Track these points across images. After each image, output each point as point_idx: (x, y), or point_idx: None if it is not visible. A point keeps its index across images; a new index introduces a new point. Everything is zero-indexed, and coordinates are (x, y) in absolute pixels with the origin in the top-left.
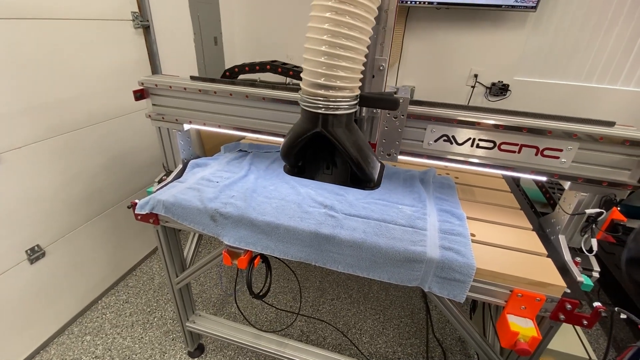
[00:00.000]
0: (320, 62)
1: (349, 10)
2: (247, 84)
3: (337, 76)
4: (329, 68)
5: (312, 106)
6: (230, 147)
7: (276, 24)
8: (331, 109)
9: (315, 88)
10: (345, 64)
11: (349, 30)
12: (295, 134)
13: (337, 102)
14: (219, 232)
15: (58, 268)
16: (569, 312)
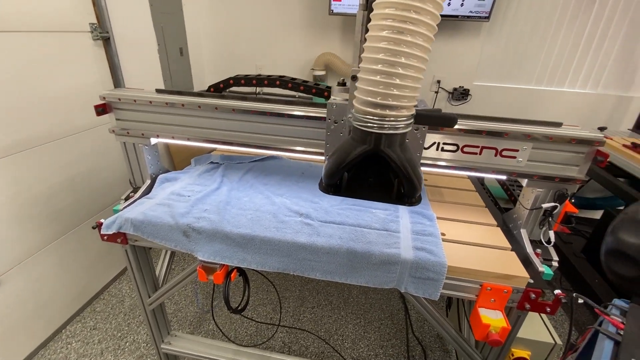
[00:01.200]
0: (387, 82)
1: (411, 30)
2: (216, 96)
3: (400, 96)
4: (395, 88)
5: (371, 126)
6: (201, 160)
7: (245, 33)
8: (391, 128)
9: (376, 108)
10: (409, 83)
11: (415, 49)
12: (349, 154)
13: (397, 121)
14: (193, 247)
15: (14, 298)
16: (534, 301)
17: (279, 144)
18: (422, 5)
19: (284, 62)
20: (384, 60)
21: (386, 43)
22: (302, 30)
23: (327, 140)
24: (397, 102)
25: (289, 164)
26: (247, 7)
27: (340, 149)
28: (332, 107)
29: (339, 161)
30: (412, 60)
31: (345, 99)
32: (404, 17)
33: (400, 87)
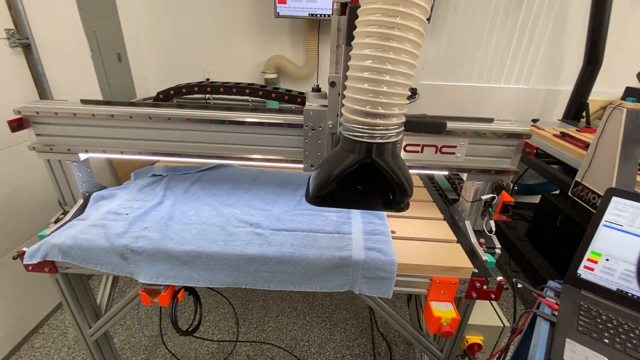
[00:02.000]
0: (378, 91)
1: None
2: (149, 105)
3: (392, 104)
4: (386, 96)
5: (363, 136)
6: (142, 173)
7: (190, 37)
8: (384, 137)
9: (367, 117)
10: (400, 91)
11: (404, 55)
12: (340, 165)
13: (389, 130)
14: (132, 270)
15: None
16: (479, 289)
17: (232, 152)
18: (409, 11)
19: (233, 66)
20: (374, 68)
21: (373, 50)
22: (249, 33)
23: (306, 148)
24: (389, 111)
25: (240, 171)
26: (190, 9)
27: (331, 160)
28: (309, 114)
29: (330, 172)
30: (402, 67)
31: (322, 104)
32: (391, 23)
33: (391, 95)
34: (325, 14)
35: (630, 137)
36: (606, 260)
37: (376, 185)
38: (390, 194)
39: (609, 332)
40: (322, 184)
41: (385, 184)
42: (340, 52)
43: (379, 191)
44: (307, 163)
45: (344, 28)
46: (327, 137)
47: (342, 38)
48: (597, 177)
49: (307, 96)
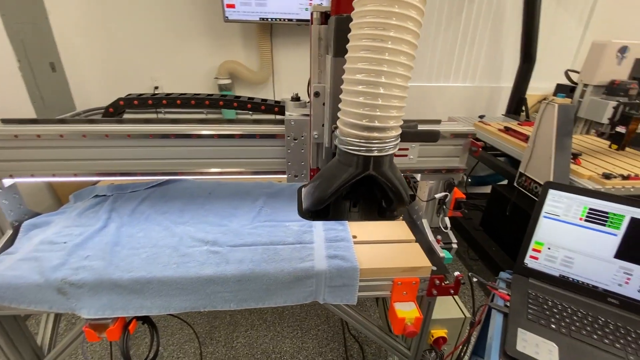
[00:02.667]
0: (375, 104)
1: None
2: (83, 121)
3: (391, 117)
4: (383, 110)
5: (362, 149)
6: (83, 194)
7: (134, 43)
8: (383, 150)
9: (368, 131)
10: (397, 103)
11: (403, 70)
12: (339, 179)
13: (388, 142)
14: (74, 306)
15: None
16: (439, 286)
17: (186, 167)
18: (402, 24)
19: (184, 73)
20: (369, 82)
21: (367, 64)
22: (199, 39)
23: (288, 158)
24: (386, 124)
25: (194, 185)
26: (133, 14)
27: (328, 174)
28: (290, 124)
29: (329, 187)
30: (397, 80)
31: (302, 114)
32: (384, 36)
33: (389, 108)
34: (277, 17)
35: (562, 129)
36: (548, 249)
37: (371, 195)
38: (383, 202)
39: (555, 317)
40: (320, 199)
41: (380, 193)
42: (322, 61)
43: (374, 201)
44: (291, 173)
45: (326, 37)
46: (312, 147)
47: (324, 47)
48: (538, 167)
49: (286, 106)
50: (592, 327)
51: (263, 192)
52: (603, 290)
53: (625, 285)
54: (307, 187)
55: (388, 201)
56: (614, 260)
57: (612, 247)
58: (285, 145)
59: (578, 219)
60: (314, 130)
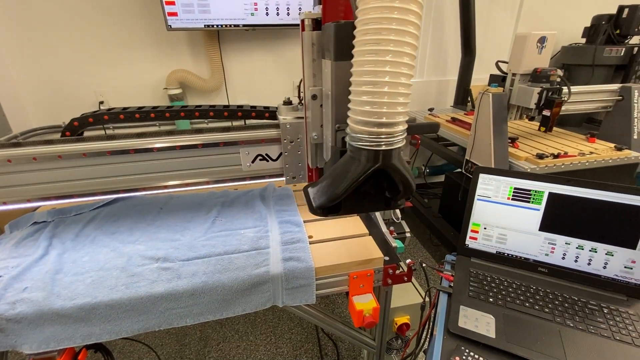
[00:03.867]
0: (383, 102)
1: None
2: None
3: (398, 112)
4: (391, 106)
5: (374, 144)
6: (20, 222)
7: (73, 57)
8: (392, 144)
9: (377, 127)
10: (403, 100)
11: (407, 69)
12: (354, 174)
13: (396, 136)
14: (14, 342)
15: None
16: (393, 275)
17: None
18: (403, 28)
19: (130, 85)
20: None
21: (373, 66)
22: (143, 49)
23: (286, 161)
24: (395, 119)
25: (145, 201)
26: (67, 27)
27: (341, 170)
28: (286, 127)
29: (343, 182)
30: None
31: (296, 117)
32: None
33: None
34: (223, 24)
35: (498, 116)
36: (484, 229)
37: (379, 187)
38: (387, 193)
39: (493, 291)
40: (336, 194)
41: (387, 184)
42: (317, 65)
43: (381, 193)
44: (289, 175)
45: (319, 42)
46: (310, 148)
47: (318, 52)
48: (480, 153)
49: (279, 110)
50: (524, 296)
51: (217, 202)
52: (533, 261)
53: (551, 254)
54: (319, 185)
55: (393, 191)
56: (539, 233)
57: (537, 221)
58: (282, 148)
59: (506, 199)
60: (312, 132)
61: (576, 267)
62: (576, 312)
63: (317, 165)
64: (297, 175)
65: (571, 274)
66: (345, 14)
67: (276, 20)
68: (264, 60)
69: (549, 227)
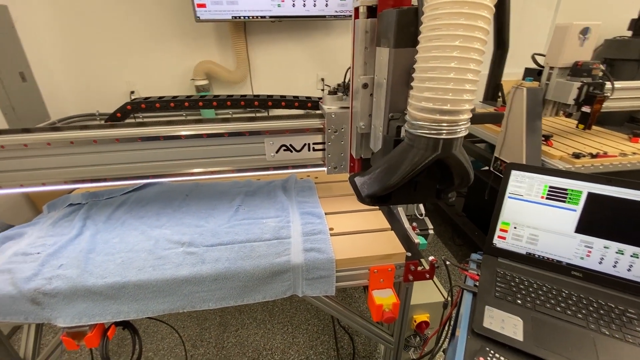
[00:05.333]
0: (448, 88)
1: (472, 37)
2: (47, 130)
3: (464, 100)
4: (457, 93)
5: (434, 132)
6: (57, 204)
7: (106, 49)
8: (455, 132)
9: (440, 114)
10: (470, 87)
11: (477, 54)
12: (412, 163)
13: (459, 125)
14: (49, 315)
15: None
16: (414, 271)
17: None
18: (475, 12)
19: (159, 76)
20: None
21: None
22: (172, 41)
23: (328, 151)
24: (460, 107)
25: (171, 188)
26: (102, 20)
27: (397, 159)
28: (331, 117)
29: (399, 171)
30: (471, 65)
31: (341, 107)
32: (456, 25)
33: (459, 92)
34: (250, 15)
35: (532, 112)
36: (514, 228)
37: (432, 178)
38: (439, 185)
39: (521, 293)
40: (391, 183)
41: (442, 175)
42: (368, 54)
43: (433, 184)
44: (330, 165)
45: (372, 30)
46: (354, 137)
47: (370, 40)
48: (511, 151)
49: (324, 99)
50: (555, 300)
51: (241, 191)
52: (566, 264)
53: (587, 257)
54: (370, 175)
55: (445, 183)
56: (575, 235)
57: (573, 222)
58: (325, 138)
59: (540, 197)
60: (360, 121)
61: (614, 272)
62: (612, 319)
63: (362, 155)
64: (339, 166)
65: (608, 280)
66: (401, 0)
67: (303, 12)
68: (289, 53)
69: (586, 230)
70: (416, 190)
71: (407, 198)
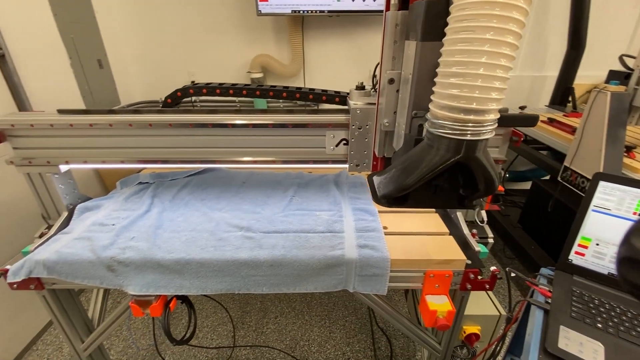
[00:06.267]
0: (475, 85)
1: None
2: (128, 112)
3: (491, 99)
4: (484, 91)
5: (464, 133)
6: (129, 181)
7: (171, 39)
8: (479, 134)
9: (464, 114)
10: (499, 85)
11: (510, 50)
12: (431, 164)
13: (485, 126)
14: (121, 282)
15: None
16: (474, 280)
17: (222, 156)
18: (513, 2)
19: (218, 67)
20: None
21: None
22: (232, 33)
23: (351, 147)
24: (486, 106)
25: (229, 174)
26: (170, 12)
27: (416, 159)
28: (356, 113)
29: (416, 172)
30: (502, 60)
31: (367, 102)
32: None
33: (486, 90)
34: (309, 10)
35: (615, 119)
36: (596, 245)
37: (454, 182)
38: (462, 190)
39: (602, 316)
40: (406, 185)
41: (465, 180)
42: (397, 48)
43: (455, 189)
44: (352, 163)
45: (403, 23)
46: (379, 135)
47: (400, 33)
48: (585, 161)
49: (350, 95)
50: None
51: (294, 182)
52: None
53: None
54: (387, 174)
55: (469, 189)
56: None
57: None
58: (349, 134)
59: (632, 214)
60: (384, 118)
61: None
62: None
63: (385, 154)
64: (361, 163)
65: None
66: None
67: (362, 7)
68: (342, 48)
69: None
70: (436, 194)
71: (426, 202)
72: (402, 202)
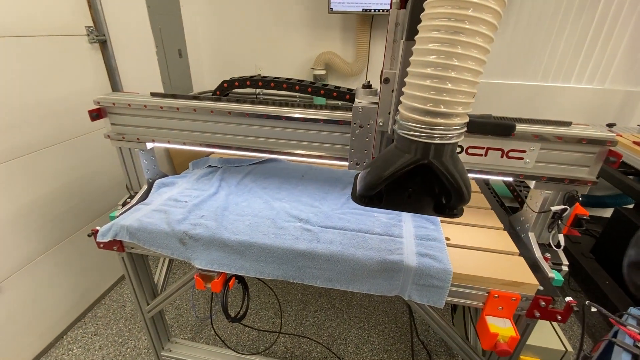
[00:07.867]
0: (442, 88)
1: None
2: (211, 99)
3: (456, 102)
4: (450, 94)
5: (421, 135)
6: (199, 163)
7: (243, 33)
8: (444, 138)
9: (426, 116)
10: (466, 88)
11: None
12: (393, 165)
13: (449, 130)
14: (190, 255)
15: (15, 305)
16: (543, 309)
17: (279, 147)
18: (483, 2)
19: (284, 62)
20: (438, 64)
21: (439, 45)
22: (301, 29)
23: (352, 146)
24: (452, 110)
25: (289, 166)
26: (245, 7)
27: (383, 159)
28: (358, 111)
29: (382, 172)
30: (470, 64)
31: (371, 101)
32: (461, 15)
33: (456, 93)
34: (380, 8)
35: None
36: None
37: (429, 188)
38: (443, 198)
39: None
40: (372, 184)
41: (439, 187)
42: (396, 47)
43: (432, 194)
44: (353, 161)
45: (402, 22)
46: (376, 135)
47: (400, 32)
48: None
49: (356, 93)
50: None
51: (351, 181)
52: None
53: None
54: (362, 172)
55: (448, 197)
56: None
57: None
58: (350, 132)
59: None
60: (380, 118)
61: None
62: None
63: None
64: (361, 162)
65: None
66: None
67: None
68: None
69: None
70: (411, 198)
71: (400, 205)
72: (377, 202)
